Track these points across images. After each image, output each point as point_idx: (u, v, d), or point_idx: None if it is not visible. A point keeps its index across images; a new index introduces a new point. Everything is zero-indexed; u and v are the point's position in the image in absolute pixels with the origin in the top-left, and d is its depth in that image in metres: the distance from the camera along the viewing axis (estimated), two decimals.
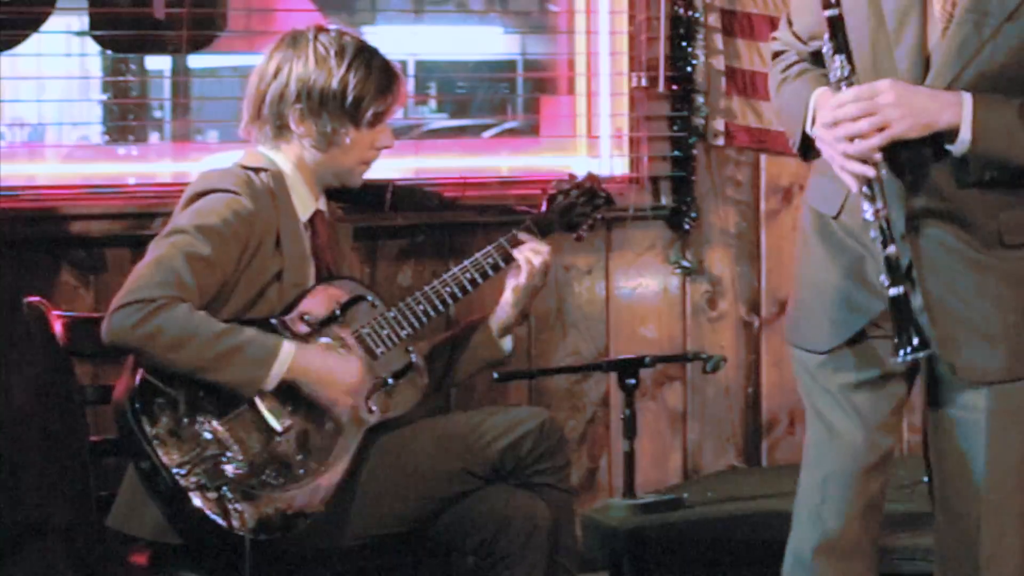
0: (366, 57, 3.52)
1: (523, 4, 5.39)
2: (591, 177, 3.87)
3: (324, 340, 3.47)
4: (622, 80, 4.88)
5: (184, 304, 3.27)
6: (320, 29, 3.56)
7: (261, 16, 4.84)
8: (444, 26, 5.26)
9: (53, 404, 3.72)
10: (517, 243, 3.67)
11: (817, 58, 3.05)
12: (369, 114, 3.51)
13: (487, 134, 5.28)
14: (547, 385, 4.77)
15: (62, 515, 4.15)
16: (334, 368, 3.41)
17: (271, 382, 3.33)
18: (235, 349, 3.29)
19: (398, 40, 4.85)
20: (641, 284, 4.88)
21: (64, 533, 4.17)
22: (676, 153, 4.87)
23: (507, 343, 3.74)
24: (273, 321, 3.42)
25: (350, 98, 3.49)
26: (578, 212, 3.83)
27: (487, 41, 5.41)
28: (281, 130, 3.53)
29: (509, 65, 5.39)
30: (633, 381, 4.38)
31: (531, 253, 3.66)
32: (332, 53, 3.50)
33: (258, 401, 3.35)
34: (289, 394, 3.38)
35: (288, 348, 3.34)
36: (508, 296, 3.69)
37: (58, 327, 3.52)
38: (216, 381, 3.29)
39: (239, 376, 3.31)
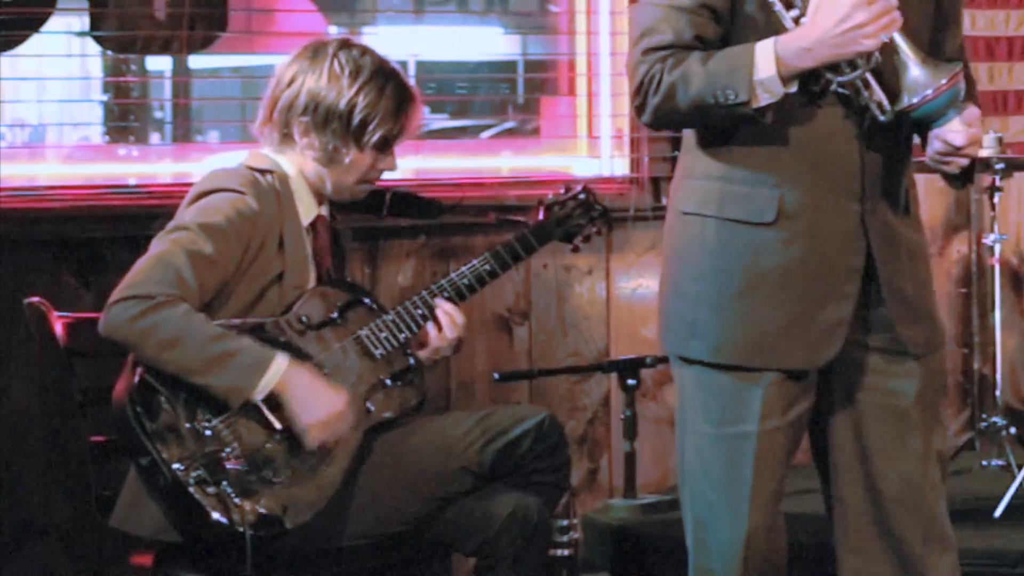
0: (380, 80, 3.49)
1: (523, 4, 5.40)
2: (587, 189, 3.86)
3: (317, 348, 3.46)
4: (623, 81, 4.88)
5: (184, 304, 3.27)
6: (344, 44, 3.54)
7: (262, 16, 4.85)
8: (444, 27, 5.26)
9: (53, 404, 3.71)
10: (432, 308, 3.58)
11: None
12: (375, 138, 3.49)
13: (487, 135, 5.28)
14: (548, 386, 4.77)
15: (62, 515, 4.15)
16: (319, 396, 3.35)
17: (259, 393, 3.29)
18: (227, 355, 3.27)
19: (398, 41, 4.85)
20: (642, 284, 4.88)
21: (64, 533, 4.17)
22: (676, 153, 4.86)
23: None
24: (267, 322, 3.42)
25: (356, 120, 3.47)
26: (574, 223, 3.82)
27: (487, 41, 5.41)
28: (286, 137, 3.52)
29: (509, 66, 5.39)
30: (634, 381, 4.39)
31: (448, 324, 3.56)
32: (347, 72, 3.47)
33: None
34: None
35: (281, 361, 3.31)
36: (423, 354, 3.61)
37: (58, 327, 3.52)
38: (204, 385, 3.27)
39: (227, 382, 3.28)
